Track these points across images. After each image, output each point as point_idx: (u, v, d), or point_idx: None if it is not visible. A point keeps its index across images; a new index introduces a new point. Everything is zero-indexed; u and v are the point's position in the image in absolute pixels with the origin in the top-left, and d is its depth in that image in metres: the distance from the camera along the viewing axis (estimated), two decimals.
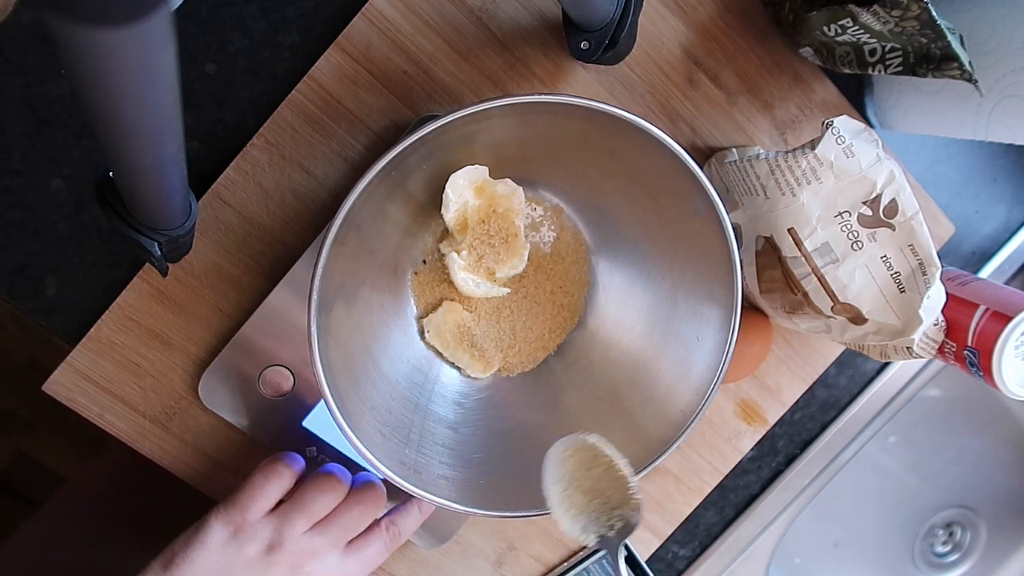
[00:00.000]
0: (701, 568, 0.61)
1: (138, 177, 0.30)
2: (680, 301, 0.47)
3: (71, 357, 0.46)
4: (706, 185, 0.41)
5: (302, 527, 0.43)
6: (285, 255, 0.48)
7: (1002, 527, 0.75)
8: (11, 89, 0.44)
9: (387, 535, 0.46)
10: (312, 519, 0.43)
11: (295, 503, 0.44)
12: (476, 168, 0.45)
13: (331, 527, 0.44)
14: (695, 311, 0.46)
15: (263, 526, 0.42)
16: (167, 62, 0.21)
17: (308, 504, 0.43)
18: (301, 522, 0.43)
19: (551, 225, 0.50)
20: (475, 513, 0.42)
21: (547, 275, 0.50)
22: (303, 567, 0.43)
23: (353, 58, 0.46)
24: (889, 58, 0.45)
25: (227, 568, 0.41)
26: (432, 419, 0.47)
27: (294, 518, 0.43)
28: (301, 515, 0.43)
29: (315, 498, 0.44)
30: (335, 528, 0.44)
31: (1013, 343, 0.48)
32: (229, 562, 0.41)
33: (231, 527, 0.42)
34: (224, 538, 0.42)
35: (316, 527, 0.44)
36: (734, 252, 0.42)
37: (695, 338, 0.46)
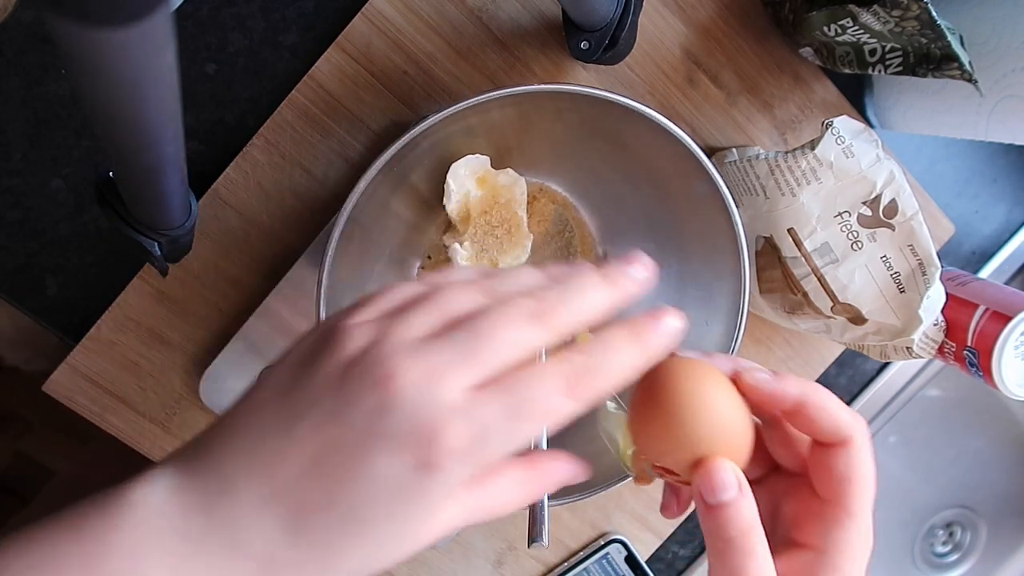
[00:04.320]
0: (701, 568, 0.61)
1: (138, 177, 0.30)
2: (688, 286, 0.47)
3: (71, 357, 0.46)
4: (708, 167, 0.41)
5: (415, 330, 0.24)
6: (285, 255, 0.48)
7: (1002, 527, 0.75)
8: (11, 89, 0.44)
9: (565, 367, 0.24)
10: (435, 317, 0.25)
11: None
12: (477, 158, 0.45)
13: (466, 336, 0.24)
14: (703, 296, 0.46)
15: (358, 329, 0.24)
16: (167, 62, 0.21)
17: (437, 296, 0.25)
18: (416, 320, 0.24)
19: (556, 214, 0.50)
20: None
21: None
22: (395, 391, 0.22)
23: (353, 58, 0.46)
24: (889, 58, 0.45)
25: (290, 388, 0.24)
26: None
27: (405, 316, 0.24)
28: (420, 311, 0.25)
29: (450, 289, 0.26)
30: (472, 340, 0.24)
31: (1013, 343, 0.48)
32: (294, 380, 0.24)
33: (317, 337, 0.25)
34: (304, 353, 0.25)
35: (441, 335, 0.24)
36: (740, 235, 0.42)
37: (704, 323, 0.46)
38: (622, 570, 0.57)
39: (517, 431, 0.23)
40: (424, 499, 0.23)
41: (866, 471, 0.28)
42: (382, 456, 0.22)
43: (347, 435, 0.23)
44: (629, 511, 0.57)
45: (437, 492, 0.23)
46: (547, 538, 0.40)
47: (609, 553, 0.57)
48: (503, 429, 0.23)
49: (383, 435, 0.22)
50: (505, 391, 0.23)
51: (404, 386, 0.22)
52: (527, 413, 0.23)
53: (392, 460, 0.22)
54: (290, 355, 0.26)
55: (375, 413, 0.22)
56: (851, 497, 0.28)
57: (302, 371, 0.24)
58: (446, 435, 0.22)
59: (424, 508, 0.23)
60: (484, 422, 0.23)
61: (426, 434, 0.22)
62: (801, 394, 0.29)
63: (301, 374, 0.24)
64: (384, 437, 0.22)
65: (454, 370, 0.23)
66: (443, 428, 0.22)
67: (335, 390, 0.23)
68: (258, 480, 0.23)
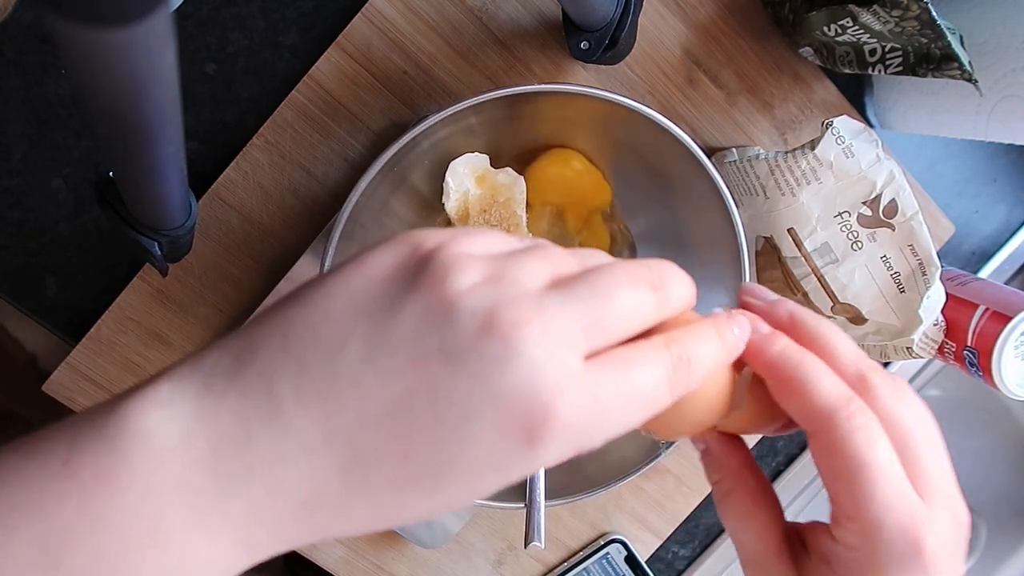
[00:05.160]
0: (701, 568, 0.61)
1: (138, 177, 0.30)
2: None
3: (71, 357, 0.46)
4: (708, 167, 0.41)
5: (533, 278, 0.21)
6: (285, 255, 0.48)
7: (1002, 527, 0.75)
8: (11, 89, 0.44)
9: (668, 355, 0.22)
10: (547, 268, 0.21)
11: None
12: (476, 156, 0.45)
13: (589, 294, 0.21)
14: (703, 296, 0.46)
15: (468, 262, 0.20)
16: (167, 62, 0.21)
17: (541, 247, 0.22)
18: (532, 267, 0.21)
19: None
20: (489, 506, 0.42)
21: None
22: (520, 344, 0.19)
23: (353, 58, 0.46)
24: (889, 58, 0.45)
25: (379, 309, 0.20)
26: None
27: (520, 260, 0.21)
28: (532, 258, 0.21)
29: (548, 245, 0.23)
30: (595, 300, 0.21)
31: (1013, 343, 0.48)
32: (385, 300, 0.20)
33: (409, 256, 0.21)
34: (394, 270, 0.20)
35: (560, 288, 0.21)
36: (740, 235, 0.42)
37: None
38: (622, 570, 0.57)
39: (628, 415, 0.21)
40: (518, 473, 0.20)
41: (850, 462, 0.22)
42: (489, 418, 0.19)
43: (453, 383, 0.19)
44: (629, 511, 0.57)
45: (532, 468, 0.20)
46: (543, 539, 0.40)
47: (609, 553, 0.57)
48: (617, 411, 0.20)
49: (496, 393, 0.19)
50: (619, 371, 0.20)
51: (529, 344, 0.19)
52: (638, 400, 0.21)
53: (498, 425, 0.19)
54: (369, 266, 0.20)
55: (493, 364, 0.19)
56: (843, 495, 0.23)
57: (396, 293, 0.20)
58: (563, 409, 0.19)
59: (512, 477, 0.20)
60: (603, 399, 0.20)
61: (544, 404, 0.19)
62: (777, 358, 0.24)
63: (395, 296, 0.20)
64: (496, 397, 0.19)
65: (579, 333, 0.20)
66: (560, 399, 0.19)
67: (446, 326, 0.19)
68: (320, 413, 0.18)
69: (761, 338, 0.24)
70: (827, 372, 0.24)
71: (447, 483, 0.19)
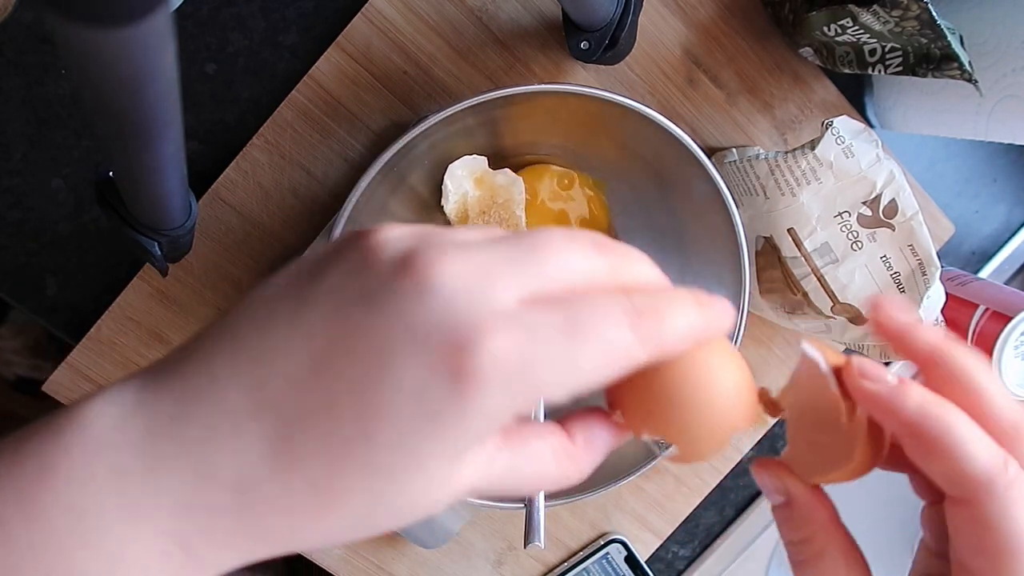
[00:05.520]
0: (701, 568, 0.61)
1: (138, 177, 0.30)
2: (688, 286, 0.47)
3: (71, 357, 0.46)
4: (708, 167, 0.41)
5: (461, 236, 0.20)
6: (285, 255, 0.48)
7: None
8: (11, 89, 0.44)
9: (629, 301, 0.20)
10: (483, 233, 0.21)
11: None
12: (475, 158, 0.45)
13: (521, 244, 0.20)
14: None
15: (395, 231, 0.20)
16: (167, 62, 0.21)
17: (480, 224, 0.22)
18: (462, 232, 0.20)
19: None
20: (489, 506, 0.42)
21: None
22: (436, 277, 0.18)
23: (353, 58, 0.46)
24: (889, 58, 0.45)
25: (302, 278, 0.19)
26: None
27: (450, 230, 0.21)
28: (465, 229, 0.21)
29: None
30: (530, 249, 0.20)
31: (1013, 343, 0.48)
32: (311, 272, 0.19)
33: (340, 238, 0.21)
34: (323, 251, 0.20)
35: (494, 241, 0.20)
36: (740, 235, 0.42)
37: None
38: (622, 570, 0.57)
39: (575, 354, 0.18)
40: (455, 425, 0.18)
41: (1005, 540, 0.20)
42: (410, 356, 0.17)
43: (370, 323, 0.18)
44: (629, 511, 0.57)
45: (471, 421, 0.18)
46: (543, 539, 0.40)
47: (609, 553, 0.57)
48: (560, 348, 0.18)
49: (414, 328, 0.17)
50: (564, 306, 0.18)
51: (448, 276, 0.18)
52: (590, 334, 0.18)
53: (421, 362, 0.17)
54: (307, 254, 0.21)
55: (408, 299, 0.17)
56: (989, 572, 0.20)
57: (326, 261, 0.19)
58: (491, 340, 0.17)
59: (453, 440, 0.18)
60: (538, 333, 0.18)
61: (467, 334, 0.17)
62: (917, 417, 0.20)
63: (325, 263, 0.19)
64: (415, 331, 0.17)
65: (508, 273, 0.18)
66: (488, 331, 0.17)
67: (365, 272, 0.18)
68: (252, 380, 0.18)
69: (891, 391, 0.21)
70: (977, 431, 0.20)
71: (383, 448, 0.18)
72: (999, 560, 0.20)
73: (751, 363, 0.57)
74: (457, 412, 0.17)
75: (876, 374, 0.21)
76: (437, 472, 0.18)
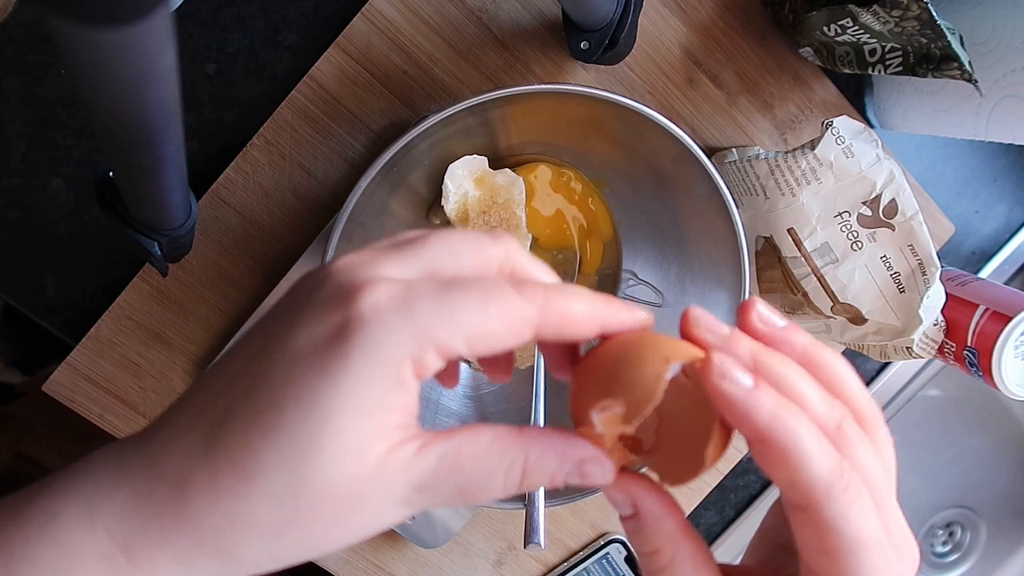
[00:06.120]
0: None
1: (138, 177, 0.30)
2: (688, 286, 0.47)
3: (71, 357, 0.46)
4: (708, 167, 0.41)
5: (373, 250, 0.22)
6: (285, 255, 0.48)
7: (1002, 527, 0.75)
8: (11, 89, 0.44)
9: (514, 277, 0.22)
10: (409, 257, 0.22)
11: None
12: (475, 158, 0.45)
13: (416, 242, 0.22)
14: (703, 296, 0.46)
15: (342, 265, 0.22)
16: (167, 62, 0.21)
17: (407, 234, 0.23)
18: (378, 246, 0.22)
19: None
20: (489, 506, 0.42)
21: None
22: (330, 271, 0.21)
23: (353, 58, 0.46)
24: (889, 58, 0.45)
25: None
26: (443, 413, 0.47)
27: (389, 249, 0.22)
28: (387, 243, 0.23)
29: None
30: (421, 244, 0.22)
31: (1013, 343, 0.48)
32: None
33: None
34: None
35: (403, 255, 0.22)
36: (740, 235, 0.42)
37: None
38: (622, 570, 0.57)
39: (448, 297, 0.20)
40: (345, 365, 0.19)
41: (846, 541, 0.20)
42: (302, 326, 0.19)
43: (280, 324, 0.20)
44: None
45: (356, 360, 0.19)
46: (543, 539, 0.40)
47: (609, 553, 0.57)
48: (433, 293, 0.20)
49: (312, 302, 0.20)
50: (442, 276, 0.21)
51: (337, 267, 0.21)
52: (460, 286, 0.20)
53: (312, 327, 0.19)
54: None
55: (308, 296, 0.20)
56: (834, 574, 0.21)
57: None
58: (371, 291, 0.19)
59: (345, 386, 0.19)
60: (413, 284, 0.20)
61: (351, 291, 0.19)
62: (767, 423, 0.20)
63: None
64: (309, 309, 0.20)
65: (394, 257, 0.21)
66: (370, 286, 0.19)
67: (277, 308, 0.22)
68: (194, 401, 0.20)
69: (746, 397, 0.20)
70: (820, 440, 0.21)
71: (287, 409, 0.19)
72: (840, 560, 0.21)
73: None
74: (342, 353, 0.19)
75: (734, 374, 0.21)
76: (341, 431, 0.19)
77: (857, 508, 0.21)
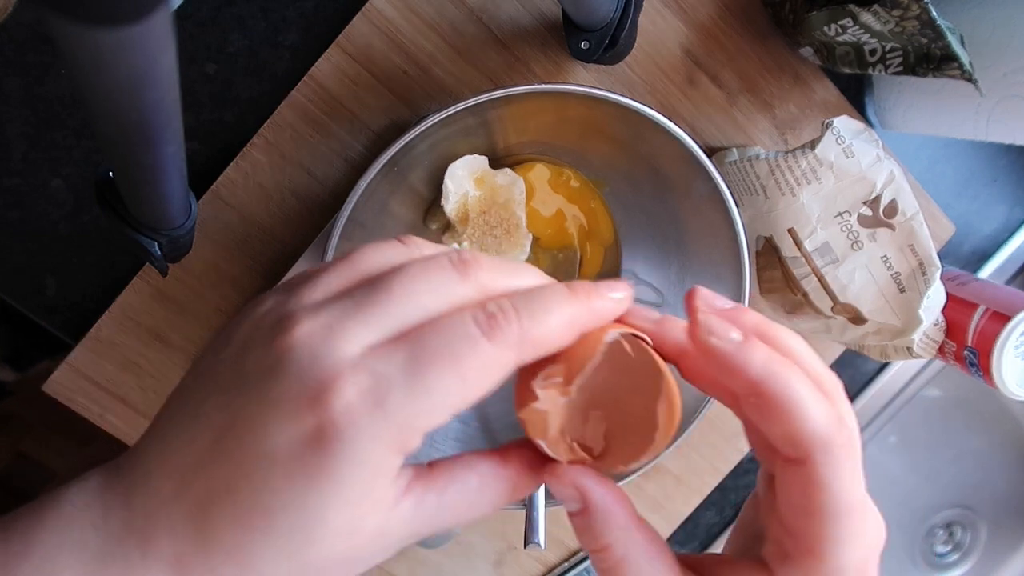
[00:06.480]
0: None
1: (138, 177, 0.30)
2: (688, 286, 0.47)
3: (71, 357, 0.46)
4: (708, 167, 0.41)
5: (320, 290, 0.22)
6: (285, 255, 0.48)
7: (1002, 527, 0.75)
8: (11, 89, 0.44)
9: (480, 310, 0.21)
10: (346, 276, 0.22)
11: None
12: (475, 158, 0.45)
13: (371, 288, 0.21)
14: None
15: (267, 298, 0.22)
16: (167, 62, 0.21)
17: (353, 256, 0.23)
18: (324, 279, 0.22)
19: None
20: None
21: None
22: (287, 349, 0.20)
23: (353, 58, 0.46)
24: (889, 58, 0.45)
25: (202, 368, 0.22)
26: None
27: (314, 277, 0.22)
28: (331, 271, 0.22)
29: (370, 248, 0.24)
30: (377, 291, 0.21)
31: (1013, 343, 0.48)
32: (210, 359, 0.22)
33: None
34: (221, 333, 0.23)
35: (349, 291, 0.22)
36: (740, 235, 0.42)
37: None
38: None
39: (421, 378, 0.19)
40: (330, 474, 0.19)
41: (834, 501, 0.20)
42: (274, 426, 0.19)
43: (244, 406, 0.20)
44: None
45: (346, 469, 0.19)
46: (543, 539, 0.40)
47: None
48: (405, 379, 0.19)
49: (275, 400, 0.19)
50: (410, 340, 0.20)
51: (296, 343, 0.19)
52: (430, 356, 0.19)
53: (285, 429, 0.19)
54: (206, 347, 0.23)
55: (267, 375, 0.19)
56: (813, 535, 0.21)
57: (216, 349, 0.22)
58: (338, 391, 0.19)
59: (338, 491, 0.19)
60: (382, 372, 0.19)
61: (316, 392, 0.19)
62: (761, 374, 0.20)
63: (215, 352, 0.22)
64: (276, 403, 0.19)
65: (352, 325, 0.20)
66: (336, 385, 0.19)
67: (236, 360, 0.21)
68: (170, 469, 0.20)
69: (736, 348, 0.21)
70: (816, 392, 0.21)
71: (277, 512, 0.19)
72: (824, 521, 0.20)
73: None
74: (329, 466, 0.19)
75: (722, 330, 0.21)
76: (338, 522, 0.19)
77: (850, 468, 0.20)
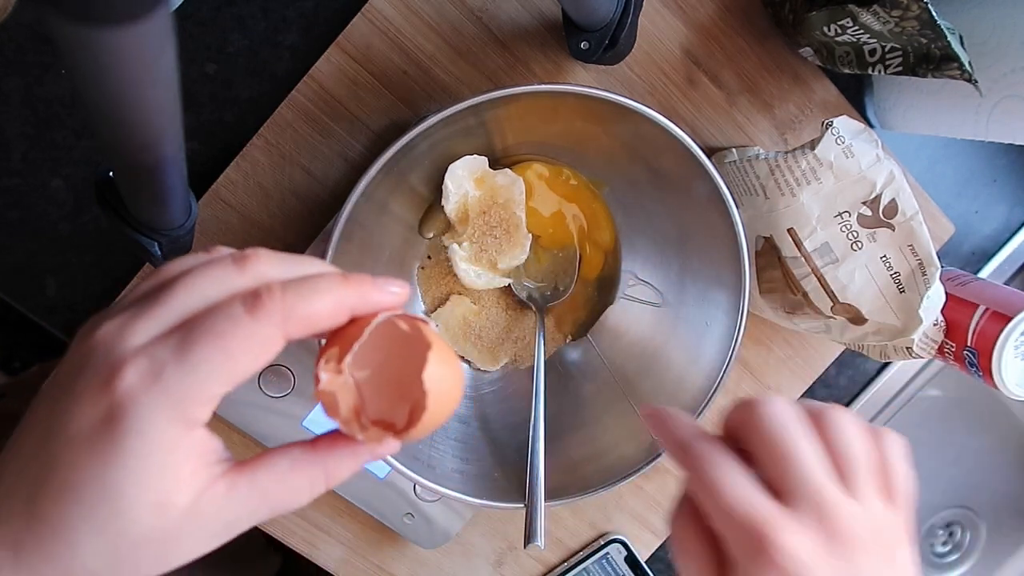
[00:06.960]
0: None
1: (138, 177, 0.30)
2: (688, 286, 0.47)
3: None
4: (708, 167, 0.41)
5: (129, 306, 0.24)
6: None
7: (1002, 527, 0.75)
8: (11, 89, 0.44)
9: (250, 294, 0.23)
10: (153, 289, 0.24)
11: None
12: (475, 158, 0.45)
13: (158, 288, 0.24)
14: (703, 295, 0.46)
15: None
16: (167, 62, 0.21)
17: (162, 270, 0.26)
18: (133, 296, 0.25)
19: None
20: (489, 506, 0.42)
21: None
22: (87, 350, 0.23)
23: (353, 58, 0.46)
24: (889, 58, 0.45)
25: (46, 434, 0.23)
26: None
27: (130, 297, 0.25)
28: (143, 287, 0.25)
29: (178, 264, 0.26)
30: (162, 290, 0.24)
31: (1013, 343, 0.48)
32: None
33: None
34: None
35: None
36: (740, 235, 0.42)
37: (704, 323, 0.46)
38: (622, 570, 0.57)
39: (190, 355, 0.22)
40: (121, 448, 0.21)
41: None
42: (76, 412, 0.22)
43: (58, 401, 0.22)
44: (629, 511, 0.57)
45: (136, 441, 0.21)
46: (543, 539, 0.40)
47: (609, 553, 0.57)
48: (177, 358, 0.22)
49: (79, 393, 0.22)
50: (185, 326, 0.23)
51: (96, 344, 0.23)
52: (196, 335, 0.22)
53: (85, 412, 0.22)
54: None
55: (75, 375, 0.23)
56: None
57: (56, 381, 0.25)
58: (122, 375, 0.22)
59: (127, 460, 0.21)
60: (158, 355, 0.22)
61: (106, 379, 0.22)
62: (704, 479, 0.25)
63: (55, 381, 0.25)
64: (79, 394, 0.22)
65: (138, 323, 0.23)
66: (119, 369, 0.22)
67: (59, 370, 0.24)
68: (12, 466, 0.23)
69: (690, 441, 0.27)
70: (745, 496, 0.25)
71: (85, 489, 0.21)
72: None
73: (751, 363, 0.57)
74: (118, 440, 0.21)
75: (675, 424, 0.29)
76: (140, 495, 0.21)
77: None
